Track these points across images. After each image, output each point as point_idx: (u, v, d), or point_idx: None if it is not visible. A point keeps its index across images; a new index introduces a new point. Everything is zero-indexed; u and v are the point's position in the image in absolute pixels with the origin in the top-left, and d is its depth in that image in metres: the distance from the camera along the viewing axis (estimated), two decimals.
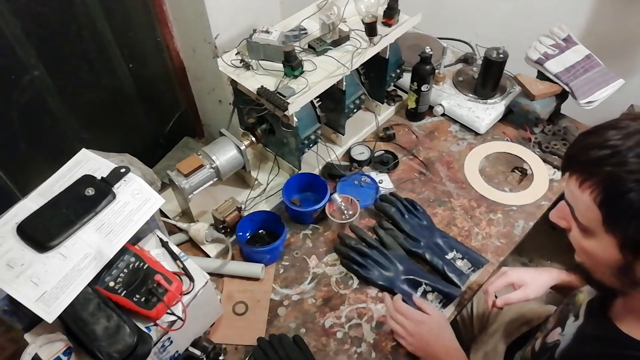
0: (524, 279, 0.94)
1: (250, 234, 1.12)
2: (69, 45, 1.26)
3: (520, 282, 0.94)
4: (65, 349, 0.76)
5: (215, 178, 1.09)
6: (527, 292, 0.93)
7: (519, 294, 0.93)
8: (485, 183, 1.23)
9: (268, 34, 1.07)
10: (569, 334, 0.74)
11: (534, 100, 1.29)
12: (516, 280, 0.94)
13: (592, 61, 1.29)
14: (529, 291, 0.93)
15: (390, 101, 1.41)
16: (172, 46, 1.53)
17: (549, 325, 0.83)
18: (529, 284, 0.94)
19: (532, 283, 0.94)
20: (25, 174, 1.28)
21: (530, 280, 0.94)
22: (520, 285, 0.94)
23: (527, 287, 0.93)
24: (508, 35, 1.52)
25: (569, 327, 0.75)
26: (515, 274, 0.95)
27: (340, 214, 1.13)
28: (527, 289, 0.93)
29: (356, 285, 1.05)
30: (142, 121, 1.62)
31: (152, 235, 0.90)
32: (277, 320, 1.00)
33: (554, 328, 0.80)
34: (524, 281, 0.94)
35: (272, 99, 0.99)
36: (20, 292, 0.70)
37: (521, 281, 0.94)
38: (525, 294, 0.92)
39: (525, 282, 0.94)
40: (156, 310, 0.77)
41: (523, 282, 0.94)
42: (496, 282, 0.95)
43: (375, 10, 1.12)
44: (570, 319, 0.76)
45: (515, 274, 0.95)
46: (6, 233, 0.74)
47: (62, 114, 1.31)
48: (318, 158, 1.22)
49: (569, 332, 0.74)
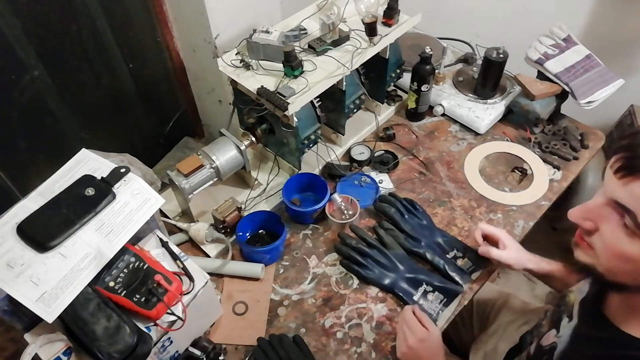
0: (510, 245, 1.02)
1: (250, 234, 1.12)
2: (69, 45, 1.26)
3: (506, 243, 1.01)
4: (65, 349, 0.76)
5: (215, 178, 1.09)
6: (503, 255, 1.00)
7: (498, 252, 1.00)
8: (485, 183, 1.23)
9: (268, 34, 1.07)
10: (565, 336, 0.73)
11: (534, 100, 1.29)
12: (504, 239, 1.02)
13: (592, 61, 1.29)
14: (506, 255, 1.00)
15: (390, 101, 1.41)
16: (172, 46, 1.53)
17: (543, 329, 0.82)
18: (511, 249, 1.01)
19: (513, 252, 1.01)
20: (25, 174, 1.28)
21: (513, 249, 1.02)
22: (504, 245, 1.01)
23: (508, 250, 1.01)
24: (508, 35, 1.52)
25: (564, 329, 0.75)
26: (505, 235, 1.03)
27: (340, 214, 1.13)
28: (506, 253, 1.00)
29: (356, 285, 1.05)
30: (142, 121, 1.62)
31: (152, 235, 0.90)
32: (277, 320, 1.00)
33: (548, 331, 0.79)
34: (509, 246, 1.01)
35: (272, 99, 0.99)
36: (20, 292, 0.70)
37: (507, 243, 1.01)
38: (502, 255, 1.00)
39: (509, 247, 1.01)
40: (156, 310, 0.77)
41: (508, 245, 1.01)
42: (488, 226, 1.05)
43: (375, 10, 1.12)
44: (564, 320, 0.76)
45: (505, 235, 1.03)
46: (6, 233, 0.74)
47: (62, 114, 1.32)
48: (318, 158, 1.22)
49: (564, 333, 0.74)
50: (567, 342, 0.72)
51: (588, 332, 0.70)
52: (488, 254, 1.01)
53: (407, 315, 0.94)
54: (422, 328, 0.91)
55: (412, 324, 0.91)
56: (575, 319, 0.73)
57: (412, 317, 0.93)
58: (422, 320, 0.93)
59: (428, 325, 0.92)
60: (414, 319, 0.92)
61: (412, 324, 0.91)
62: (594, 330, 0.70)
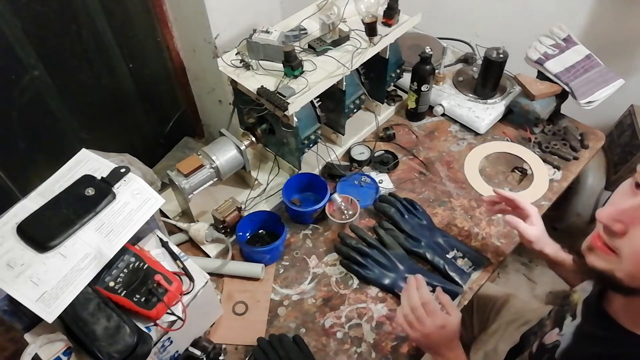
0: (537, 224, 0.98)
1: (250, 234, 1.12)
2: (69, 45, 1.26)
3: (534, 222, 0.98)
4: (65, 349, 0.76)
5: (215, 178, 1.09)
6: (528, 230, 0.97)
7: (525, 225, 0.97)
8: (485, 183, 1.23)
9: (268, 34, 1.07)
10: (567, 334, 0.73)
11: (534, 100, 1.29)
12: (534, 217, 0.98)
13: (592, 61, 1.29)
14: (531, 231, 0.97)
15: (390, 101, 1.41)
16: (172, 46, 1.53)
17: (546, 328, 0.82)
18: (538, 228, 0.98)
19: (538, 231, 0.97)
20: (25, 174, 1.28)
21: (540, 229, 0.98)
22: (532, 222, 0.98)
23: (535, 228, 0.97)
24: (508, 35, 1.51)
25: (567, 327, 0.75)
26: (536, 214, 0.99)
27: (340, 214, 1.13)
28: (532, 229, 0.97)
29: (356, 285, 1.05)
30: (142, 121, 1.62)
31: (152, 235, 0.90)
32: (277, 320, 1.00)
33: (551, 330, 0.79)
34: (537, 225, 0.98)
35: (272, 99, 0.99)
36: (20, 292, 0.70)
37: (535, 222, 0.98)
38: (527, 230, 0.96)
39: (537, 226, 0.98)
40: (156, 310, 0.77)
41: (536, 224, 0.98)
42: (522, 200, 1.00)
43: (375, 10, 1.12)
44: (568, 319, 0.76)
45: (536, 214, 0.99)
46: (6, 233, 0.74)
47: (62, 114, 1.32)
48: (318, 158, 1.22)
49: (567, 331, 0.74)
50: (569, 340, 0.72)
51: (591, 331, 0.70)
52: (515, 225, 0.97)
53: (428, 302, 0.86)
54: (442, 314, 0.85)
55: (432, 307, 0.85)
56: (579, 317, 0.73)
57: (430, 297, 0.86)
58: (445, 304, 0.87)
59: (450, 310, 0.86)
60: (434, 303, 0.86)
61: (432, 307, 0.85)
62: (597, 328, 0.69)
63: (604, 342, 0.67)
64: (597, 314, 0.70)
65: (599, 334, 0.68)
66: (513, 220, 0.98)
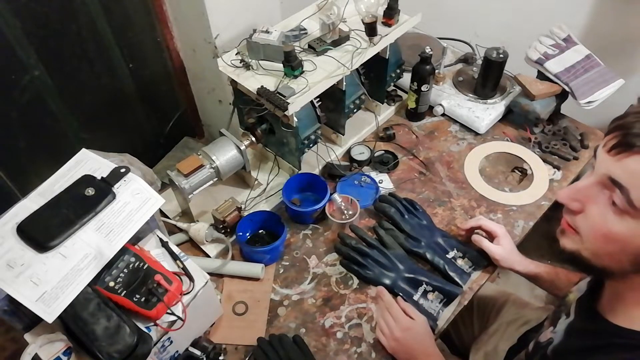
0: (505, 244, 1.04)
1: (250, 234, 1.12)
2: (69, 45, 1.26)
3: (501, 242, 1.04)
4: (65, 349, 0.76)
5: (215, 178, 1.09)
6: (492, 248, 1.03)
7: (489, 244, 1.04)
8: (485, 183, 1.23)
9: (268, 34, 1.07)
10: (560, 331, 0.75)
11: (534, 100, 1.29)
12: (502, 237, 1.04)
13: (592, 61, 1.29)
14: (494, 249, 1.03)
15: (390, 101, 1.41)
16: (172, 46, 1.53)
17: (543, 328, 0.83)
18: (504, 247, 1.03)
19: (503, 251, 1.03)
20: (25, 174, 1.28)
21: (506, 248, 1.03)
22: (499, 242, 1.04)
23: (500, 247, 1.03)
24: (508, 35, 1.51)
25: (561, 325, 0.76)
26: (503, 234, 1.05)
27: (340, 214, 1.13)
28: (496, 248, 1.03)
29: (356, 285, 1.05)
30: (142, 121, 1.62)
31: (152, 235, 0.90)
32: (277, 320, 1.00)
33: (547, 328, 0.80)
34: (503, 244, 1.04)
35: (272, 99, 0.99)
36: (20, 292, 0.70)
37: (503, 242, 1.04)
38: (491, 248, 1.03)
39: (503, 245, 1.04)
40: (156, 310, 0.77)
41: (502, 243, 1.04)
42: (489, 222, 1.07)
43: (375, 10, 1.12)
44: (562, 318, 0.77)
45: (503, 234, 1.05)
46: (6, 233, 0.74)
47: (62, 114, 1.31)
48: (318, 158, 1.22)
49: (560, 329, 0.75)
50: (561, 336, 0.73)
51: (579, 325, 0.72)
52: (480, 243, 1.05)
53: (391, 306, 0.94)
54: (406, 317, 0.92)
55: (396, 313, 0.92)
56: (572, 315, 0.74)
57: (394, 305, 0.94)
58: (407, 311, 0.93)
59: (413, 314, 0.93)
60: (396, 307, 0.93)
61: (396, 313, 0.92)
62: (584, 323, 0.71)
63: (588, 335, 0.68)
64: (587, 310, 0.72)
65: (585, 327, 0.70)
66: (478, 239, 1.06)
